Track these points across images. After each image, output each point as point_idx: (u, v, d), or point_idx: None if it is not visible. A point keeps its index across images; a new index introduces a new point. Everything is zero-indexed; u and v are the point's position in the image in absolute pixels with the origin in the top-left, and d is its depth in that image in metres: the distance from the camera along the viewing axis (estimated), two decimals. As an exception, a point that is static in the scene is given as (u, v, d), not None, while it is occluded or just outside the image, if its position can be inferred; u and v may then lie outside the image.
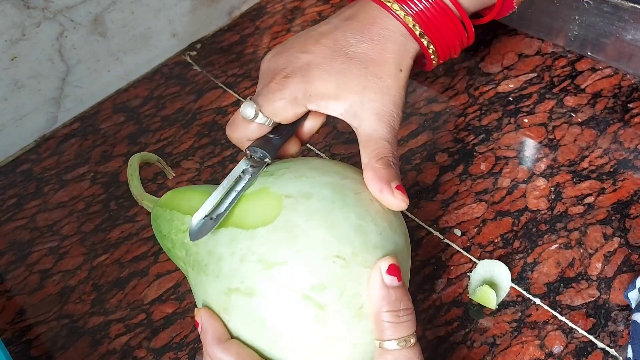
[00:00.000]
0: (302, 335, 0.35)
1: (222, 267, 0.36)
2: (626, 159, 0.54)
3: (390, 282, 0.34)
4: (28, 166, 0.64)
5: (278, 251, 0.35)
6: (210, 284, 0.37)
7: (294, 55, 0.42)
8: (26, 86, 0.63)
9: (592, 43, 0.60)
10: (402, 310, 0.34)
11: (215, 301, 0.37)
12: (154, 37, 0.71)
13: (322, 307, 0.34)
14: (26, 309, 0.53)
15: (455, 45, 0.46)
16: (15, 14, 0.59)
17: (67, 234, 0.57)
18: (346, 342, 0.35)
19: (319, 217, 0.36)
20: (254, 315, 0.35)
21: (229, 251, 0.36)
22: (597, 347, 0.44)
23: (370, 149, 0.40)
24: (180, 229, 0.41)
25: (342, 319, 0.35)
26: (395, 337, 0.34)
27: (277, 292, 0.34)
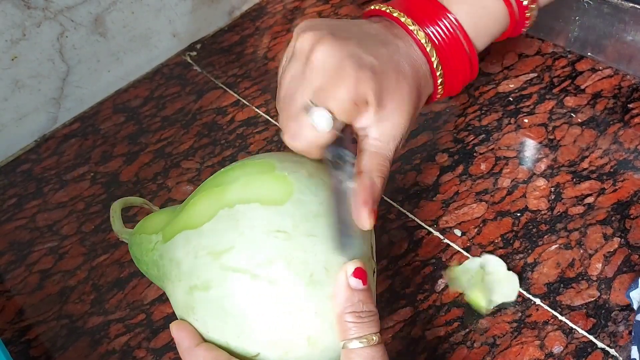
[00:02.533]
0: (262, 313, 0.35)
1: (181, 270, 0.38)
2: (626, 159, 0.54)
3: (355, 284, 0.35)
4: (28, 166, 0.64)
5: (223, 239, 0.36)
6: (176, 289, 0.38)
7: (358, 53, 0.39)
8: (26, 86, 0.63)
9: (593, 44, 0.61)
10: (364, 312, 0.35)
11: (183, 304, 0.38)
12: (154, 38, 0.71)
13: (273, 281, 0.35)
14: (26, 309, 0.53)
15: (459, 83, 0.46)
16: (15, 14, 0.59)
17: (67, 234, 0.57)
18: (308, 312, 0.36)
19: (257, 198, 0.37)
20: (215, 306, 0.36)
21: (184, 252, 0.38)
22: (597, 347, 0.44)
23: (376, 161, 0.40)
24: (148, 248, 0.43)
25: (296, 289, 0.35)
26: (358, 335, 0.35)
27: (228, 278, 0.36)
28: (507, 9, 0.45)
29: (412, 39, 0.43)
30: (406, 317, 0.47)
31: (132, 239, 0.45)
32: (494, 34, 0.46)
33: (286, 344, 0.36)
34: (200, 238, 0.37)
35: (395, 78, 0.41)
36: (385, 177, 0.40)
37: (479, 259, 0.49)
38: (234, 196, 0.38)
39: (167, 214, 0.44)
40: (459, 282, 0.48)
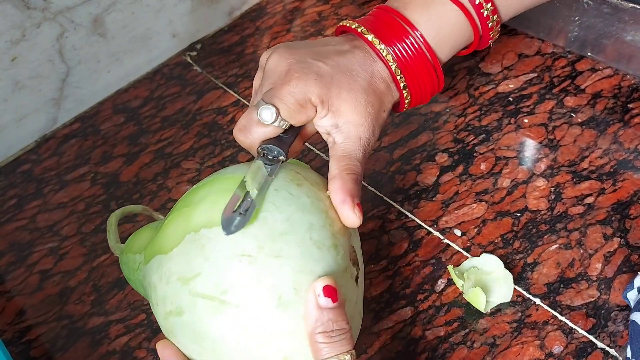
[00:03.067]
0: (234, 338, 0.35)
1: (157, 295, 0.38)
2: (626, 159, 0.54)
3: (325, 303, 0.35)
4: (28, 167, 0.64)
5: (191, 264, 0.36)
6: (156, 313, 0.39)
7: (306, 59, 0.43)
8: (26, 87, 0.63)
9: (592, 44, 0.61)
10: (335, 330, 0.35)
11: (163, 328, 0.39)
12: (154, 38, 0.71)
13: (240, 306, 0.35)
14: (26, 309, 0.53)
15: (427, 94, 0.48)
16: (15, 14, 0.59)
17: (67, 234, 0.57)
18: (280, 333, 0.35)
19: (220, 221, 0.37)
20: (190, 331, 0.37)
21: (158, 277, 0.38)
22: (597, 347, 0.44)
23: (343, 163, 0.42)
24: (133, 267, 0.43)
25: (265, 312, 0.35)
26: (330, 355, 0.35)
27: (197, 304, 0.36)
28: (468, 21, 0.46)
29: (373, 49, 0.45)
30: (406, 317, 0.47)
31: (121, 257, 0.46)
32: (458, 45, 0.48)
33: None
34: (170, 263, 0.38)
35: (347, 82, 0.43)
36: (355, 174, 0.41)
37: (478, 259, 0.49)
38: (200, 219, 0.38)
39: (150, 230, 0.44)
40: (458, 282, 0.48)
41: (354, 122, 0.43)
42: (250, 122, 0.42)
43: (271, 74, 0.43)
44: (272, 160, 0.40)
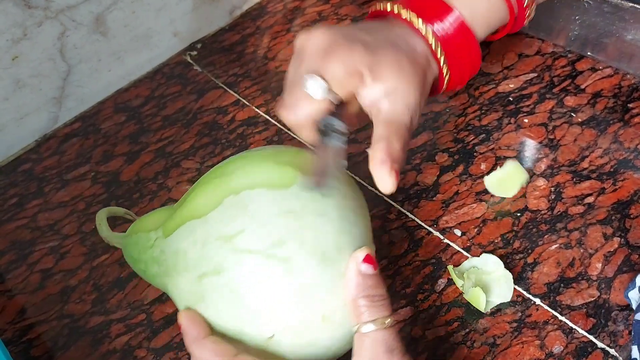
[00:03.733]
0: (277, 293, 0.36)
1: (188, 260, 0.38)
2: (626, 158, 0.54)
3: (366, 270, 0.37)
4: (29, 166, 0.64)
5: (233, 223, 0.37)
6: (183, 280, 0.38)
7: (350, 32, 0.41)
8: (27, 86, 0.63)
9: (593, 43, 0.60)
10: (376, 295, 0.36)
11: (191, 295, 0.38)
12: (155, 37, 0.71)
13: (287, 260, 0.36)
14: (27, 308, 0.53)
15: (466, 74, 0.47)
16: (16, 13, 0.59)
17: (68, 233, 0.58)
18: (320, 289, 0.36)
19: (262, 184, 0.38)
20: (228, 290, 0.36)
21: (191, 242, 0.38)
22: (597, 347, 0.44)
23: (393, 127, 0.40)
24: (146, 245, 0.43)
25: (309, 267, 0.36)
26: (370, 318, 0.36)
27: (241, 260, 0.36)
28: (505, 4, 0.46)
29: (417, 33, 0.44)
30: (406, 317, 0.47)
31: (127, 240, 0.45)
32: (493, 25, 0.47)
33: (301, 323, 0.36)
34: (206, 226, 0.38)
35: (392, 51, 0.41)
36: (404, 140, 0.40)
37: (478, 259, 0.49)
38: (239, 183, 0.38)
39: (163, 211, 0.44)
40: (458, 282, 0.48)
41: (402, 90, 0.41)
42: (297, 98, 0.40)
43: (313, 50, 0.41)
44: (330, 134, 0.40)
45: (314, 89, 0.39)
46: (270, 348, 0.37)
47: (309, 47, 0.42)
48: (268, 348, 0.37)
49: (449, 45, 0.45)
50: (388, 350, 0.35)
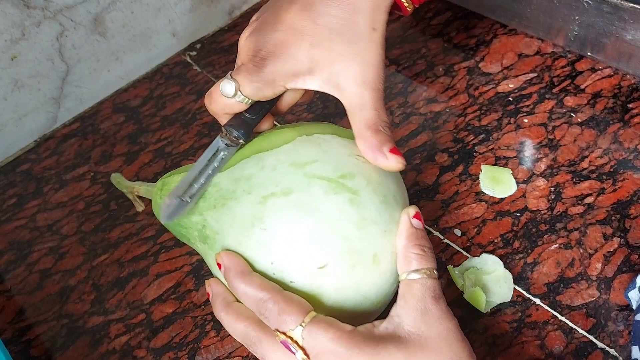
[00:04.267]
0: (341, 220, 0.37)
1: (252, 183, 0.39)
2: (626, 159, 0.54)
3: (417, 224, 0.39)
4: (28, 166, 0.64)
5: (307, 154, 0.39)
6: (240, 205, 0.39)
7: (267, 34, 0.41)
8: (26, 86, 0.63)
9: (592, 43, 0.60)
10: (426, 246, 0.38)
11: (248, 217, 0.38)
12: (153, 37, 0.71)
13: (355, 191, 0.38)
14: (26, 308, 0.53)
15: None
16: (15, 13, 0.59)
17: (67, 233, 0.57)
18: (379, 227, 0.38)
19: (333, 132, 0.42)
20: (293, 211, 0.37)
21: (258, 168, 0.40)
22: (597, 347, 0.44)
23: (357, 118, 0.40)
24: None
25: (373, 203, 0.38)
26: (420, 267, 0.37)
27: (313, 183, 0.38)
28: None
29: None
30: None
31: (166, 180, 0.46)
32: None
33: (354, 257, 0.37)
34: (279, 155, 0.40)
35: (309, 35, 0.40)
36: (373, 124, 0.39)
37: (478, 259, 0.49)
38: (311, 130, 0.42)
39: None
40: (458, 282, 0.48)
41: (340, 71, 0.40)
42: (216, 91, 0.42)
43: (241, 51, 0.43)
44: (232, 141, 0.42)
45: (226, 90, 0.41)
46: (317, 282, 0.37)
47: (240, 46, 0.43)
48: (316, 281, 0.37)
49: None
50: (436, 297, 0.37)
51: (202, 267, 0.53)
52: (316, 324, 0.35)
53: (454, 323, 0.37)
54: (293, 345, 0.35)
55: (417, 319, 0.36)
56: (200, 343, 0.48)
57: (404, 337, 0.36)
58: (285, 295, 0.36)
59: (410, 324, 0.36)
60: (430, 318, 0.36)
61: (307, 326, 0.35)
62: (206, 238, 0.41)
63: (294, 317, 0.35)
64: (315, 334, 0.35)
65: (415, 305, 0.36)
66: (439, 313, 0.36)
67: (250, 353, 0.47)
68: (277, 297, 0.36)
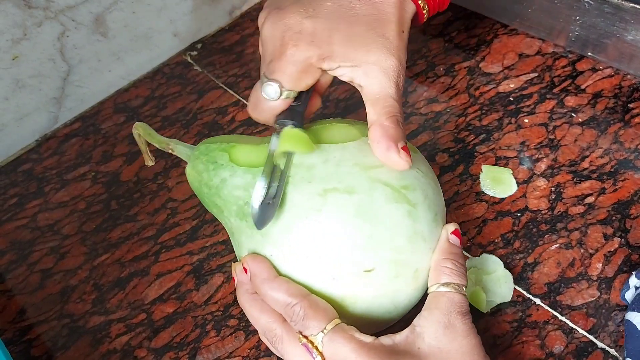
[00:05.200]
0: (398, 229, 0.38)
1: (314, 174, 0.39)
2: (627, 159, 0.54)
3: (454, 241, 0.40)
4: (29, 166, 0.64)
5: (372, 158, 0.39)
6: (299, 191, 0.38)
7: (297, 21, 0.41)
8: (27, 86, 0.63)
9: (593, 43, 0.60)
10: (459, 263, 0.39)
11: (305, 205, 0.38)
12: (155, 37, 0.71)
13: (414, 205, 0.39)
14: (27, 308, 0.53)
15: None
16: (16, 13, 0.59)
17: (68, 233, 0.58)
18: (427, 243, 0.39)
19: None
20: (353, 210, 0.37)
21: (321, 160, 0.39)
22: (598, 347, 0.44)
23: (380, 106, 0.40)
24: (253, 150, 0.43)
25: (426, 219, 0.39)
26: (451, 280, 0.38)
27: (377, 188, 0.38)
28: None
29: None
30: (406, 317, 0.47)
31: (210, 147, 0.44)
32: None
33: (400, 268, 0.38)
34: (344, 151, 0.40)
35: (346, 27, 0.41)
36: (395, 115, 0.40)
37: (478, 259, 0.49)
38: None
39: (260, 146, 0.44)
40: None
41: (372, 61, 0.41)
42: (259, 100, 0.42)
43: (267, 44, 0.42)
44: None
45: (270, 93, 0.41)
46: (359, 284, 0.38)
47: (263, 39, 0.43)
48: (358, 283, 0.38)
49: None
50: (462, 312, 0.37)
51: (202, 267, 0.53)
52: (338, 332, 0.36)
53: (477, 340, 0.37)
54: (313, 350, 0.36)
55: (439, 332, 0.36)
56: (201, 343, 0.48)
57: (423, 350, 0.36)
58: (311, 300, 0.37)
59: (432, 336, 0.36)
60: (453, 332, 0.36)
61: (328, 333, 0.36)
62: (246, 215, 0.40)
63: (317, 323, 0.36)
64: (335, 342, 0.35)
65: (439, 317, 0.37)
66: (463, 328, 0.37)
67: (251, 353, 0.47)
68: (304, 302, 0.36)
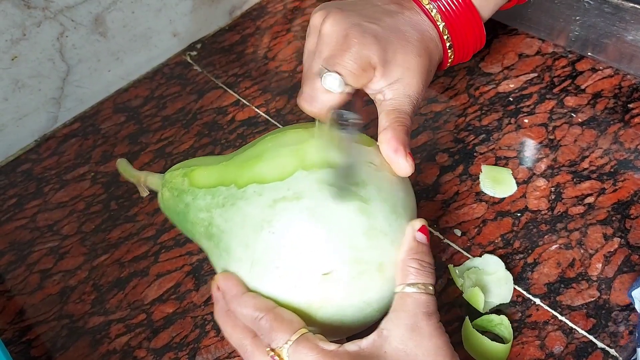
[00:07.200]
0: (351, 226, 0.37)
1: (264, 186, 0.39)
2: (626, 159, 0.54)
3: (420, 238, 0.39)
4: (28, 166, 0.64)
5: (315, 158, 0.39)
6: (249, 206, 0.39)
7: (362, 22, 0.43)
8: (27, 86, 0.63)
9: (593, 43, 0.60)
10: (426, 262, 0.38)
11: (258, 219, 0.38)
12: (154, 37, 0.71)
13: (366, 200, 0.38)
14: (26, 309, 0.53)
15: (469, 51, 0.49)
16: (16, 13, 0.59)
17: (68, 234, 0.57)
18: (387, 237, 0.38)
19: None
20: (304, 216, 0.37)
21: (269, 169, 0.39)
22: (597, 347, 0.44)
23: (394, 115, 0.42)
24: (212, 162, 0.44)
25: (383, 213, 0.38)
26: (417, 281, 0.37)
27: (325, 189, 0.38)
28: None
29: (420, 8, 0.46)
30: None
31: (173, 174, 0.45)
32: (499, 2, 0.49)
33: (360, 266, 0.37)
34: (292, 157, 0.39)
35: (399, 42, 0.44)
36: (406, 126, 0.42)
37: (479, 259, 0.49)
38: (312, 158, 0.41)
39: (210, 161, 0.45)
40: (458, 281, 0.48)
41: (405, 81, 0.43)
42: (315, 90, 0.42)
43: (328, 39, 0.43)
44: (346, 124, 0.42)
45: (332, 85, 0.41)
46: (321, 288, 0.37)
47: (325, 35, 0.43)
48: (320, 287, 0.37)
49: (454, 23, 0.46)
50: (428, 313, 0.37)
51: (202, 267, 0.53)
52: (302, 342, 0.36)
53: (443, 340, 0.37)
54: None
55: (405, 334, 0.36)
56: (201, 343, 0.48)
57: (390, 354, 0.36)
58: (277, 313, 0.37)
59: (398, 340, 0.36)
60: (419, 334, 0.36)
61: (293, 344, 0.36)
62: (212, 236, 0.41)
63: (282, 335, 0.36)
64: (299, 352, 0.35)
65: (405, 320, 0.36)
66: (429, 330, 0.36)
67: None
68: (269, 315, 0.37)
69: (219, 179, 0.42)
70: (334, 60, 0.42)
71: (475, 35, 0.48)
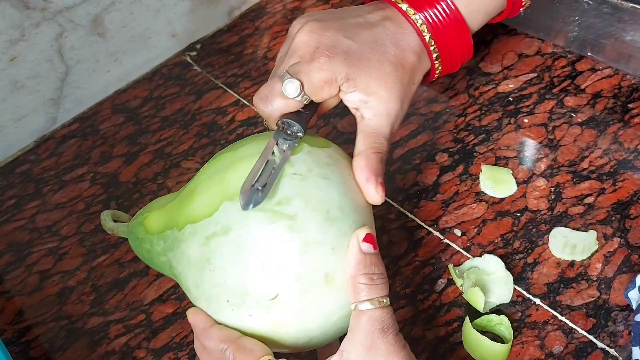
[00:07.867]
0: (282, 249, 0.36)
1: (196, 225, 0.39)
2: (626, 159, 0.54)
3: (366, 249, 0.37)
4: (27, 167, 0.64)
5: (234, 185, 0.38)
6: (189, 247, 0.39)
7: (336, 36, 0.43)
8: (25, 87, 0.63)
9: (592, 43, 0.60)
10: (376, 274, 0.37)
11: (198, 258, 0.38)
12: (153, 38, 0.71)
13: (292, 217, 0.37)
14: (25, 309, 0.52)
15: (458, 62, 0.48)
16: (14, 14, 0.58)
17: (67, 234, 0.57)
18: (324, 247, 0.37)
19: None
20: (235, 249, 0.37)
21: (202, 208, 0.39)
22: (597, 347, 0.44)
23: (371, 140, 0.42)
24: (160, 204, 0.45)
25: (315, 223, 0.37)
26: (369, 297, 0.36)
27: (249, 218, 0.37)
28: None
29: (406, 19, 0.45)
30: (406, 317, 0.47)
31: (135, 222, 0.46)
32: (491, 12, 0.48)
33: (304, 281, 0.37)
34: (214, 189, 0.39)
35: (376, 58, 0.43)
36: (380, 152, 0.42)
37: (479, 259, 0.49)
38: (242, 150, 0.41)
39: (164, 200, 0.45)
40: (458, 281, 0.48)
41: (383, 98, 0.43)
42: (273, 93, 0.42)
43: (299, 47, 0.43)
44: (289, 135, 0.41)
45: (290, 90, 0.41)
46: (274, 313, 0.37)
47: (296, 43, 0.43)
48: (272, 312, 0.37)
49: (441, 35, 0.46)
50: (383, 329, 0.36)
51: (201, 268, 0.53)
52: None
53: (402, 355, 0.37)
54: None
55: (362, 354, 0.36)
56: (200, 344, 0.48)
57: None
58: (240, 343, 0.37)
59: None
60: (377, 354, 0.36)
61: None
62: (175, 277, 0.42)
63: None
64: None
65: (362, 340, 0.36)
66: (386, 347, 0.36)
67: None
68: (232, 346, 0.37)
69: (166, 222, 0.42)
70: (299, 68, 0.42)
71: (463, 47, 0.47)
